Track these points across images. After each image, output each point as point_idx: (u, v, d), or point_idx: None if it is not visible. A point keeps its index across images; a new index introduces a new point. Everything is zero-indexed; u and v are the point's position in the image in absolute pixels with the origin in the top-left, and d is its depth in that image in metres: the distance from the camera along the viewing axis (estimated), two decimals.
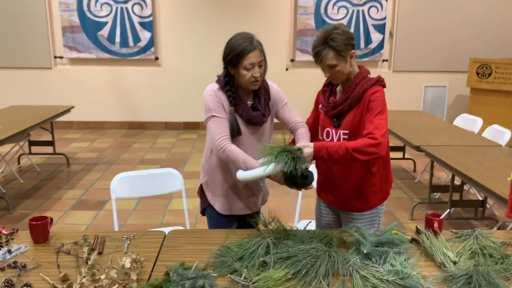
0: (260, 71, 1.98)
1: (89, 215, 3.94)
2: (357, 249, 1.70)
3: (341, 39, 1.85)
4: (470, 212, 4.00)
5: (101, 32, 6.86)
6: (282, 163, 1.74)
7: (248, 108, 2.03)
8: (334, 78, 1.94)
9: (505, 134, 3.81)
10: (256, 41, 1.97)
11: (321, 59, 1.88)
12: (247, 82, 1.97)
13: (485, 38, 7.15)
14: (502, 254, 1.68)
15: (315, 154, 1.80)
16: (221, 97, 2.00)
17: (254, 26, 6.91)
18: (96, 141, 6.53)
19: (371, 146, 1.78)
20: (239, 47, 1.93)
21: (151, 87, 7.07)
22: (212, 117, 1.97)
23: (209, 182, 2.16)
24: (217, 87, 2.02)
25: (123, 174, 2.50)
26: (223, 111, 1.99)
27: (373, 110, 1.87)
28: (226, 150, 1.92)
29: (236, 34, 2.00)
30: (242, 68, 1.94)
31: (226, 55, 1.97)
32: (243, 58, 1.92)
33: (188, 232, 1.93)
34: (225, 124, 1.97)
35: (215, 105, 1.97)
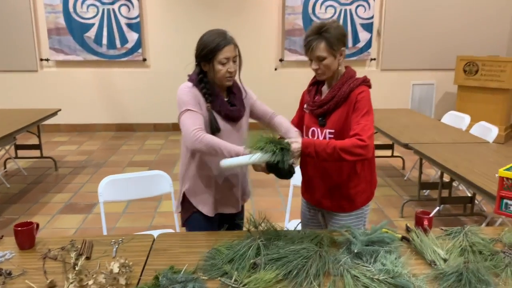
0: (234, 66, 1.97)
1: (78, 219, 3.89)
2: (347, 249, 1.70)
3: (335, 33, 1.86)
4: (459, 208, 4.03)
5: (88, 34, 6.79)
6: (270, 153, 1.72)
7: (226, 104, 2.01)
8: (320, 72, 1.93)
9: (492, 130, 3.85)
10: (229, 36, 1.96)
11: (312, 49, 1.87)
12: (222, 78, 1.95)
13: (472, 36, 7.22)
14: (491, 251, 1.69)
15: (303, 150, 1.79)
16: (197, 94, 1.96)
17: (243, 26, 6.90)
18: (84, 144, 6.46)
19: (359, 147, 1.78)
20: (213, 42, 1.91)
21: (139, 88, 7.02)
22: (186, 111, 1.91)
23: (192, 187, 2.08)
24: (191, 85, 1.98)
25: (111, 177, 2.47)
26: (199, 107, 1.94)
27: (359, 110, 1.87)
28: (204, 139, 1.84)
29: (208, 31, 1.98)
30: (217, 62, 1.92)
31: (200, 50, 1.94)
32: (218, 52, 1.91)
33: (177, 235, 1.91)
34: (200, 118, 1.91)
35: (190, 99, 1.93)
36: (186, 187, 2.09)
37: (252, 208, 4.11)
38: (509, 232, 1.87)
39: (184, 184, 2.09)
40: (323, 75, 1.94)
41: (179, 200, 2.14)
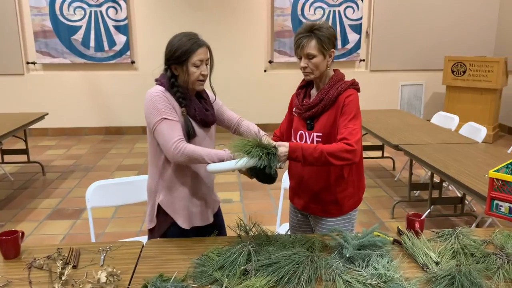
0: (207, 69, 1.92)
1: (66, 225, 3.83)
2: (339, 253, 1.68)
3: (327, 33, 1.86)
4: (450, 208, 4.04)
5: (75, 37, 6.71)
6: (256, 158, 1.69)
7: (201, 108, 1.95)
8: (308, 71, 1.91)
9: (481, 131, 3.86)
10: (202, 39, 1.91)
11: (302, 46, 1.86)
12: (195, 81, 1.89)
13: (459, 37, 7.28)
14: (483, 253, 1.68)
15: (290, 155, 1.77)
16: (170, 99, 1.88)
17: (232, 28, 6.88)
18: (72, 148, 6.38)
19: (346, 152, 1.77)
20: (187, 44, 1.84)
21: (127, 91, 6.95)
22: (162, 120, 1.82)
23: (167, 198, 1.96)
24: (163, 89, 1.89)
25: (98, 183, 2.44)
26: (173, 111, 1.86)
27: (347, 114, 1.86)
28: (185, 150, 1.78)
29: (178, 34, 1.90)
30: (191, 65, 1.85)
31: (173, 52, 1.86)
32: (192, 54, 1.84)
33: (166, 241, 1.87)
34: (178, 127, 1.84)
35: (164, 106, 1.84)
36: (160, 198, 1.96)
37: (243, 211, 4.09)
38: (500, 234, 1.86)
39: (158, 195, 1.97)
40: (311, 74, 1.92)
41: (153, 214, 1.99)
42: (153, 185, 2.00)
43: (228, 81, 7.00)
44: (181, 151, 1.78)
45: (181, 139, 1.81)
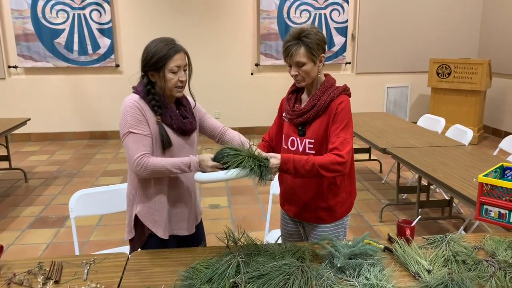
0: (185, 75, 1.87)
1: (49, 233, 3.73)
2: (330, 262, 1.65)
3: (315, 38, 1.82)
4: (437, 211, 4.05)
5: (58, 40, 6.59)
6: (247, 170, 1.66)
7: (178, 116, 1.88)
8: (300, 79, 1.88)
9: (467, 133, 3.88)
10: (179, 44, 1.85)
11: (291, 54, 1.83)
12: (172, 88, 1.83)
13: (444, 39, 7.35)
14: (475, 260, 1.66)
15: (281, 167, 1.74)
16: (144, 107, 1.81)
17: (218, 31, 6.83)
18: (56, 153, 6.26)
19: (337, 164, 1.75)
20: (163, 49, 1.79)
21: (112, 95, 6.85)
22: (128, 133, 1.77)
23: (145, 209, 1.89)
24: (137, 98, 1.83)
25: (82, 192, 2.37)
26: (144, 125, 1.80)
27: (339, 123, 1.83)
28: (147, 165, 1.75)
29: (155, 39, 1.84)
30: (168, 71, 1.80)
31: (149, 58, 1.80)
32: (169, 60, 1.79)
33: (153, 252, 1.82)
34: (144, 141, 1.78)
35: (133, 119, 1.78)
36: (137, 209, 1.90)
37: (231, 217, 4.04)
38: (490, 239, 1.85)
39: (135, 206, 1.91)
40: (302, 81, 1.90)
41: (131, 225, 1.93)
42: (131, 194, 1.94)
43: (214, 84, 6.95)
44: (143, 166, 1.75)
45: (144, 154, 1.76)
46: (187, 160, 1.79)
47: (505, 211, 1.97)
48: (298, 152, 1.93)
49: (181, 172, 1.80)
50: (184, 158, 1.80)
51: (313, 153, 1.90)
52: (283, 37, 6.92)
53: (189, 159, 1.79)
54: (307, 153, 1.91)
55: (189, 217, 2.02)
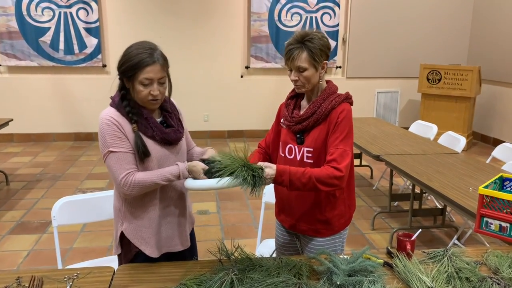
0: (160, 88, 1.68)
1: (31, 240, 3.59)
2: (328, 279, 1.56)
3: (319, 43, 1.73)
4: (429, 220, 4.00)
5: (43, 39, 6.42)
6: (240, 180, 1.57)
7: (160, 126, 1.74)
8: (299, 84, 1.79)
9: (460, 141, 3.85)
10: (158, 54, 1.67)
11: (293, 58, 1.73)
12: (144, 100, 1.69)
13: (434, 45, 7.35)
14: (478, 277, 1.60)
15: (276, 178, 1.65)
16: (120, 120, 1.68)
17: (207, 33, 6.73)
18: (39, 155, 6.08)
19: (335, 178, 1.68)
20: (135, 58, 1.63)
21: (98, 95, 6.68)
22: (109, 153, 1.66)
23: (132, 226, 1.77)
24: (112, 111, 1.69)
25: (65, 199, 2.25)
26: (124, 141, 1.67)
27: (339, 133, 1.75)
28: (135, 182, 1.64)
29: (137, 42, 1.70)
30: (138, 82, 1.65)
31: (121, 64, 1.67)
32: (139, 71, 1.63)
33: (141, 267, 1.71)
34: (126, 158, 1.66)
35: (111, 137, 1.65)
36: (124, 226, 1.78)
37: (220, 224, 3.94)
38: (492, 254, 1.79)
39: (121, 223, 1.79)
40: (302, 87, 1.80)
41: (117, 240, 1.81)
42: (118, 205, 1.81)
43: (203, 86, 6.84)
44: (130, 185, 1.65)
45: (128, 172, 1.66)
46: (175, 170, 1.69)
47: (506, 224, 1.91)
48: (295, 160, 1.84)
49: (171, 182, 1.71)
50: (172, 168, 1.70)
51: (311, 162, 1.81)
52: (273, 40, 6.85)
53: (177, 169, 1.70)
54: (305, 162, 1.82)
55: (183, 232, 1.90)
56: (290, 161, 1.86)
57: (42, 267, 3.16)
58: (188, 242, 1.92)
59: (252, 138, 7.11)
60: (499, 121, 6.77)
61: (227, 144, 6.77)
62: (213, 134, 7.08)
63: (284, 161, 1.88)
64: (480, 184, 2.78)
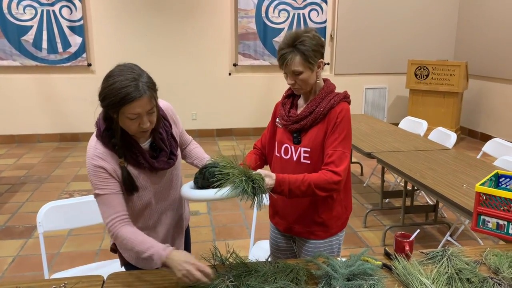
0: (150, 119, 1.52)
1: (16, 245, 3.48)
2: (327, 284, 1.51)
3: (311, 44, 1.67)
4: (421, 216, 3.99)
5: (25, 37, 6.26)
6: (240, 190, 1.49)
7: (146, 154, 1.60)
8: (297, 87, 1.75)
9: (451, 136, 3.84)
10: (144, 83, 1.46)
11: (286, 63, 1.67)
12: (132, 133, 1.55)
13: (421, 40, 7.36)
14: (479, 278, 1.56)
15: (275, 188, 1.59)
16: (104, 153, 1.54)
17: (193, 30, 6.64)
18: (24, 156, 5.94)
19: (333, 183, 1.64)
20: (119, 93, 1.42)
21: (84, 95, 6.55)
22: (96, 196, 1.57)
23: None
24: (98, 144, 1.56)
25: (51, 204, 2.17)
26: (110, 181, 1.55)
27: (338, 133, 1.70)
28: (118, 236, 1.54)
29: (118, 70, 1.48)
30: (125, 117, 1.48)
31: (102, 98, 1.47)
32: (125, 107, 1.44)
33: (132, 274, 1.64)
34: (113, 201, 1.55)
35: (96, 178, 1.54)
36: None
37: (211, 224, 3.87)
38: (491, 254, 1.76)
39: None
40: (300, 90, 1.76)
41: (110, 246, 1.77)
42: None
43: (191, 84, 6.75)
44: (113, 235, 1.56)
45: (113, 219, 1.54)
46: (152, 251, 1.49)
47: (503, 222, 1.89)
48: (292, 160, 1.79)
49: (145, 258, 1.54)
50: (153, 246, 1.50)
51: (308, 162, 1.76)
52: (261, 37, 6.79)
53: (154, 251, 1.49)
54: (302, 162, 1.77)
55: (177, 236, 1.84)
56: (286, 161, 1.81)
57: (28, 273, 3.07)
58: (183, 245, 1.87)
59: (241, 137, 7.04)
60: (486, 116, 6.82)
61: (216, 143, 6.70)
62: (201, 132, 6.99)
63: (280, 162, 1.83)
64: (473, 180, 2.77)
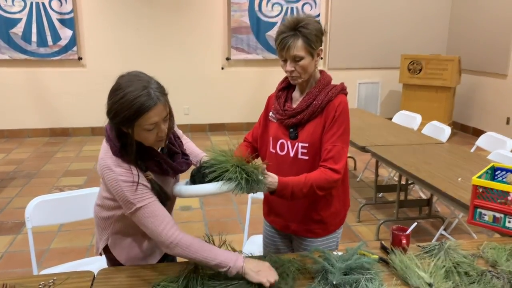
0: (166, 126, 1.45)
1: (5, 241, 3.41)
2: (324, 278, 1.48)
3: (314, 29, 1.61)
4: (415, 210, 3.98)
5: (14, 30, 6.15)
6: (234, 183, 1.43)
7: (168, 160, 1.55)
8: (296, 75, 1.66)
9: (445, 130, 3.83)
10: (155, 90, 1.38)
11: (288, 48, 1.60)
12: (150, 144, 1.47)
13: (414, 35, 7.35)
14: (477, 271, 1.54)
15: (278, 191, 1.54)
16: (130, 169, 1.44)
17: (186, 23, 6.56)
18: (13, 151, 5.85)
19: (333, 181, 1.62)
20: (132, 105, 1.34)
21: (74, 89, 6.47)
22: (137, 210, 1.43)
23: (118, 242, 1.64)
24: (118, 160, 1.45)
25: (40, 198, 2.12)
26: (145, 189, 1.45)
27: (337, 128, 1.65)
28: (181, 243, 1.41)
29: (124, 81, 1.39)
30: (141, 129, 1.40)
31: (113, 114, 1.38)
32: (141, 119, 1.36)
33: (124, 269, 1.60)
34: (160, 208, 1.45)
35: (131, 192, 1.42)
36: (109, 241, 1.64)
37: (204, 219, 3.83)
38: (489, 247, 1.74)
39: (106, 236, 1.65)
40: (298, 78, 1.68)
41: (99, 249, 1.68)
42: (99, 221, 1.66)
43: (183, 79, 6.68)
44: (173, 243, 1.42)
45: (167, 227, 1.42)
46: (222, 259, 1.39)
47: (500, 215, 1.87)
48: (288, 156, 1.73)
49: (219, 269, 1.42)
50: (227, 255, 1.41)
51: (306, 158, 1.70)
52: (254, 31, 6.73)
53: (233, 260, 1.39)
54: (300, 158, 1.71)
55: None
56: (282, 157, 1.75)
57: (17, 270, 3.01)
58: None
59: (233, 131, 7.00)
60: (478, 111, 6.83)
61: (209, 137, 6.65)
62: (194, 127, 6.94)
63: (275, 158, 1.76)
64: (468, 174, 2.76)
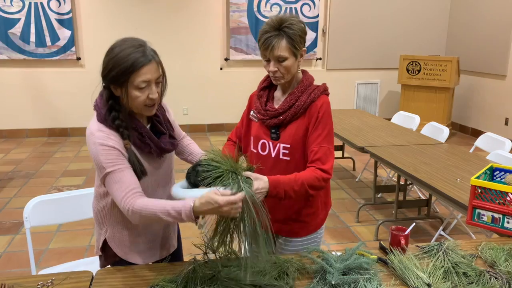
0: (158, 90, 1.48)
1: (3, 241, 3.41)
2: (322, 278, 1.48)
3: (298, 29, 1.61)
4: (413, 211, 3.98)
5: (13, 30, 6.14)
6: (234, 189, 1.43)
7: (155, 139, 1.55)
8: (278, 75, 1.66)
9: (444, 131, 3.83)
10: (150, 50, 1.46)
11: (272, 48, 1.58)
12: (140, 107, 1.47)
13: (413, 36, 7.36)
14: (476, 271, 1.54)
15: (271, 191, 1.50)
16: (110, 135, 1.46)
17: (185, 23, 6.56)
18: (12, 152, 5.84)
19: (323, 180, 1.61)
20: (127, 59, 1.40)
21: (73, 89, 6.46)
22: (107, 175, 1.44)
23: (116, 235, 1.63)
24: (101, 127, 1.47)
25: (38, 198, 2.11)
26: (120, 158, 1.45)
27: (321, 129, 1.64)
28: (134, 208, 1.40)
29: (120, 41, 1.47)
30: (134, 87, 1.43)
31: (109, 70, 1.43)
32: (135, 74, 1.41)
33: (122, 270, 1.60)
34: (127, 176, 1.44)
35: (105, 156, 1.43)
36: (107, 233, 1.63)
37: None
38: (487, 247, 1.74)
39: (105, 229, 1.64)
40: (281, 78, 1.67)
41: (99, 245, 1.67)
42: (98, 213, 1.66)
43: (182, 79, 6.68)
44: (129, 210, 1.41)
45: (127, 193, 1.42)
46: (179, 206, 1.36)
47: (498, 215, 1.87)
48: (270, 157, 1.72)
49: (172, 220, 1.39)
50: (176, 203, 1.38)
51: (288, 159, 1.69)
52: (253, 31, 6.74)
53: (182, 205, 1.36)
54: (281, 159, 1.70)
55: (170, 234, 1.77)
56: (263, 157, 1.73)
57: (15, 270, 3.01)
58: (176, 243, 1.81)
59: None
60: (477, 111, 6.84)
61: (208, 138, 6.65)
62: (192, 128, 6.93)
63: (256, 158, 1.75)
64: (466, 174, 2.76)
